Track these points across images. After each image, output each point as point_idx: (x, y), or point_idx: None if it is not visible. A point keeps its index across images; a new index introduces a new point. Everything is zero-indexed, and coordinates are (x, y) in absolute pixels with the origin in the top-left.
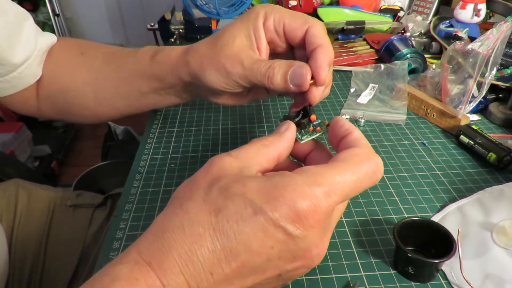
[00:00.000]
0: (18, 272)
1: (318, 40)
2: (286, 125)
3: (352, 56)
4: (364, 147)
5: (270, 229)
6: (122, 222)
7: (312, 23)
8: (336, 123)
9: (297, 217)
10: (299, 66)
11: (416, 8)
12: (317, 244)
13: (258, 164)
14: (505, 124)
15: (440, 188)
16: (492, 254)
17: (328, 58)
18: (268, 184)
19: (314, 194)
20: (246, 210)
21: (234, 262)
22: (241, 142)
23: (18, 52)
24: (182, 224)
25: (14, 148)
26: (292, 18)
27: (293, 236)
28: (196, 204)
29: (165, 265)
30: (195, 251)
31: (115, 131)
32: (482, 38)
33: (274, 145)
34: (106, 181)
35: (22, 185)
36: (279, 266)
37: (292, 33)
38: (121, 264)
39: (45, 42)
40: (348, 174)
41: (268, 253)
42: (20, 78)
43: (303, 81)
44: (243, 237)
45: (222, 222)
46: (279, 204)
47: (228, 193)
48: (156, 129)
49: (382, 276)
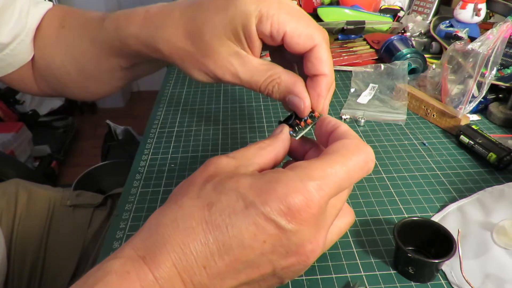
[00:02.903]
0: (17, 271)
1: (322, 68)
2: (280, 128)
3: (352, 56)
4: (353, 137)
5: (262, 223)
6: (122, 222)
7: (319, 42)
8: (322, 121)
9: (289, 211)
10: (298, 95)
11: (416, 8)
12: (311, 240)
13: (255, 164)
14: (505, 124)
15: (440, 188)
16: (492, 254)
17: (328, 88)
18: (261, 179)
19: (306, 188)
20: (238, 204)
21: (227, 256)
22: (241, 142)
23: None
24: (176, 218)
25: (14, 148)
26: (296, 30)
27: (285, 230)
28: (190, 199)
29: (158, 258)
30: (188, 244)
31: (115, 131)
32: (482, 38)
33: (270, 146)
34: (106, 181)
35: (22, 185)
36: (272, 261)
37: (292, 47)
38: (115, 259)
39: (37, 14)
40: (338, 165)
41: (261, 248)
42: (14, 56)
43: (299, 112)
44: (235, 230)
45: (214, 216)
46: (270, 198)
47: (222, 188)
48: (156, 129)
49: (382, 276)
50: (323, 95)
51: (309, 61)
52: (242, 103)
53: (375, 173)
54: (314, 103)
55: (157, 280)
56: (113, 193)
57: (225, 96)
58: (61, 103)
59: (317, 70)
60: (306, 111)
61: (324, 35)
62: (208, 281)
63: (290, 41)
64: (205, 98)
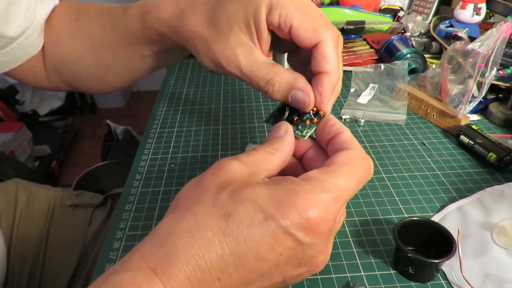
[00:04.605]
0: (17, 271)
1: (325, 66)
2: (284, 128)
3: (352, 56)
4: (357, 148)
5: (281, 236)
6: (122, 222)
7: (324, 38)
8: (327, 121)
9: (308, 224)
10: (302, 89)
11: (416, 8)
12: (323, 251)
13: (265, 170)
14: (505, 124)
15: (440, 188)
16: (492, 254)
17: (331, 87)
18: (278, 191)
19: (324, 201)
20: (256, 216)
21: (242, 268)
22: (241, 142)
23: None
24: (189, 228)
25: (14, 148)
26: (302, 23)
27: (302, 243)
28: (204, 208)
29: (171, 271)
30: (203, 256)
31: (115, 131)
32: (482, 38)
33: (279, 151)
34: (106, 181)
35: (22, 185)
36: (285, 272)
37: (298, 40)
38: (124, 271)
39: (44, 9)
40: (351, 178)
41: (276, 259)
42: (21, 49)
43: (305, 107)
44: (253, 242)
45: (232, 227)
46: (290, 212)
47: (238, 197)
48: (156, 129)
49: (382, 276)
50: (325, 94)
51: (314, 57)
52: (242, 103)
53: (375, 173)
54: (316, 102)
55: None
56: (113, 193)
57: (225, 96)
58: (61, 103)
59: (320, 67)
60: (311, 105)
61: (333, 32)
62: None
63: (296, 34)
64: (205, 98)
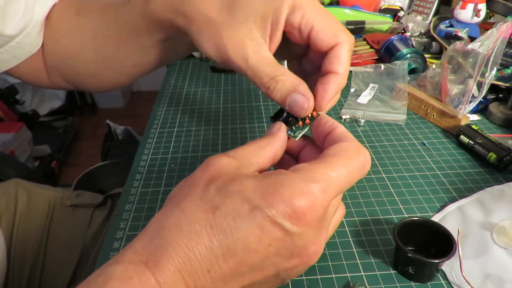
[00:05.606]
0: (17, 271)
1: (337, 66)
2: (277, 126)
3: (352, 56)
4: (351, 140)
5: (267, 226)
6: (122, 222)
7: (342, 41)
8: (320, 120)
9: (295, 213)
10: (303, 93)
11: (416, 8)
12: (314, 241)
13: (255, 163)
14: (505, 124)
15: (440, 188)
16: (492, 254)
17: (337, 88)
18: (265, 182)
19: (311, 190)
20: (243, 207)
21: (232, 260)
22: (241, 142)
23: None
24: (179, 222)
25: (14, 148)
26: (323, 25)
27: (290, 233)
28: (193, 202)
29: (161, 263)
30: (192, 248)
31: (115, 131)
32: (482, 38)
33: (269, 145)
34: (106, 181)
35: (22, 185)
36: (276, 264)
37: (316, 42)
38: (116, 264)
39: (43, 7)
40: (340, 168)
41: (266, 251)
42: (20, 48)
43: (300, 112)
44: (240, 234)
45: (219, 219)
46: (276, 201)
47: (225, 191)
48: (156, 129)
49: (382, 276)
50: (330, 92)
51: (328, 58)
52: (242, 103)
53: (375, 173)
54: (319, 99)
55: (160, 285)
56: (113, 193)
57: (225, 96)
58: (61, 103)
59: (331, 67)
60: (309, 111)
61: (350, 38)
62: (211, 284)
63: (316, 36)
64: (205, 98)
